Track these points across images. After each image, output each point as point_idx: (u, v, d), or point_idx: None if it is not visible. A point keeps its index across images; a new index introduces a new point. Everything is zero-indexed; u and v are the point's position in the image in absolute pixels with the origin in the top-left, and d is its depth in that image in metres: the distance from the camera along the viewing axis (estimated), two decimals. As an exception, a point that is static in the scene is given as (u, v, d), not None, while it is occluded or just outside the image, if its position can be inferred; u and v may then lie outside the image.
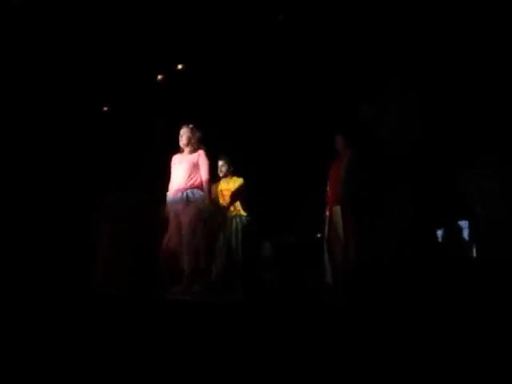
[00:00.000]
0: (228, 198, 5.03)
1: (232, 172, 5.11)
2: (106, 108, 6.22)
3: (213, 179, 4.94)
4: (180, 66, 5.69)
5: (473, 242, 5.40)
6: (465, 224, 5.43)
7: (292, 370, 1.70)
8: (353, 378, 1.63)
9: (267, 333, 2.26)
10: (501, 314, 2.41)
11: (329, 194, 4.66)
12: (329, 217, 4.61)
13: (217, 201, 5.04)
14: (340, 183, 4.48)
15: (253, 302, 3.74)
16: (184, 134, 4.33)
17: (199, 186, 4.23)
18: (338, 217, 4.47)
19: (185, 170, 4.23)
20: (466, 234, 5.43)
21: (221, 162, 5.10)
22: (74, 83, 5.89)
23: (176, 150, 4.45)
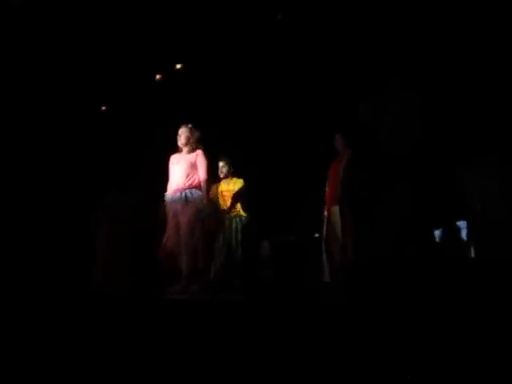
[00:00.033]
0: (228, 199, 5.05)
1: (232, 173, 5.13)
2: (104, 107, 6.21)
3: (213, 180, 4.96)
4: (179, 66, 5.68)
5: (471, 242, 5.40)
6: (463, 224, 5.43)
7: (291, 370, 1.70)
8: (352, 378, 1.63)
9: (266, 332, 2.26)
10: (499, 313, 2.41)
11: (327, 193, 4.66)
12: (327, 217, 4.61)
13: (216, 201, 5.05)
14: (339, 183, 4.48)
15: (252, 301, 3.74)
16: (182, 134, 4.33)
17: (197, 186, 4.23)
18: (336, 217, 4.47)
19: (183, 170, 4.23)
20: (464, 234, 5.42)
21: (221, 163, 5.12)
22: (72, 83, 5.88)
23: (174, 150, 4.44)
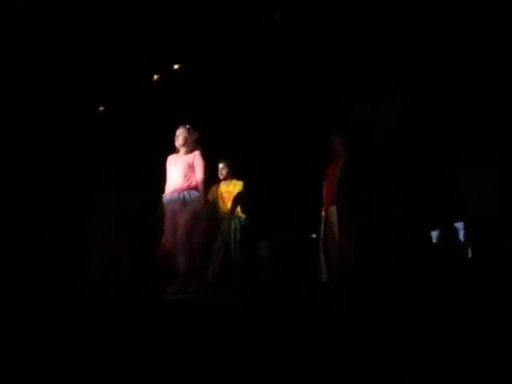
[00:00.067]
0: (228, 201, 5.07)
1: (232, 175, 5.16)
2: (101, 108, 6.21)
3: (213, 181, 5.03)
4: (176, 66, 5.68)
5: (468, 243, 5.40)
6: (460, 225, 5.43)
7: (290, 370, 1.70)
8: (352, 378, 1.63)
9: (264, 332, 2.26)
10: (497, 313, 2.42)
11: (325, 194, 4.67)
12: (324, 217, 4.62)
13: (215, 202, 5.09)
14: (336, 183, 4.49)
15: (250, 301, 3.75)
16: (180, 135, 4.33)
17: (195, 187, 4.23)
18: (333, 217, 4.48)
19: (181, 171, 4.23)
20: (461, 235, 5.42)
21: (221, 165, 5.15)
22: (70, 83, 5.88)
23: (172, 150, 4.44)
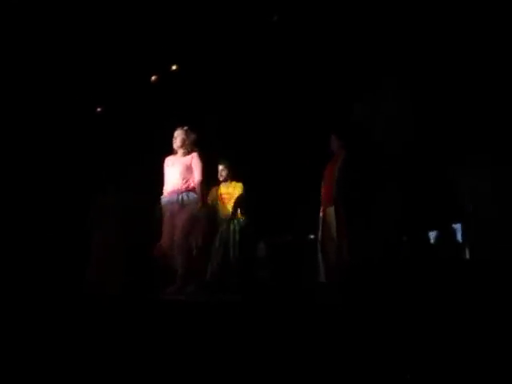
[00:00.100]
0: (227, 202, 5.10)
1: (232, 176, 5.18)
2: (99, 109, 6.20)
3: (213, 183, 5.05)
4: (174, 67, 5.68)
5: (466, 243, 5.41)
6: (459, 227, 5.43)
7: (288, 371, 1.70)
8: (351, 379, 1.63)
9: (263, 333, 2.26)
10: (496, 313, 2.42)
11: (323, 194, 4.67)
12: (323, 217, 4.62)
13: (214, 203, 5.12)
14: (334, 183, 4.49)
15: (248, 301, 3.75)
16: (178, 136, 4.32)
17: (194, 189, 4.22)
18: (331, 217, 4.49)
19: (179, 173, 4.22)
20: (459, 236, 5.43)
21: (221, 167, 5.17)
22: (67, 84, 5.88)
23: (169, 151, 4.43)
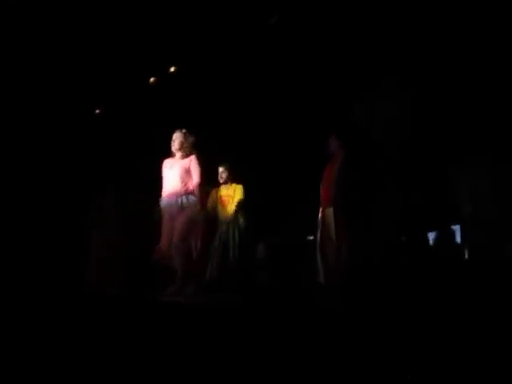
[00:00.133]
0: (227, 204, 5.15)
1: (232, 178, 5.21)
2: (98, 110, 6.19)
3: (213, 185, 5.12)
4: (172, 69, 5.67)
5: (465, 244, 5.41)
6: (458, 228, 5.44)
7: (288, 372, 1.70)
8: (351, 379, 1.63)
9: (262, 334, 2.26)
10: (494, 312, 2.43)
11: (322, 195, 4.67)
12: (321, 218, 4.62)
13: (215, 205, 5.16)
14: (333, 185, 4.49)
15: (247, 303, 3.76)
16: (176, 139, 4.32)
17: (193, 191, 4.23)
18: (330, 218, 4.49)
19: (178, 176, 4.22)
20: (458, 238, 5.43)
21: (221, 169, 5.22)
22: (66, 86, 5.87)
23: (168, 153, 4.43)
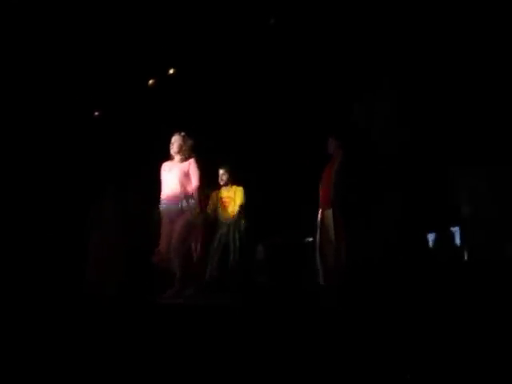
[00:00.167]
0: (228, 205, 5.19)
1: (232, 180, 5.23)
2: (97, 113, 6.19)
3: (213, 187, 5.17)
4: (171, 71, 5.66)
5: (464, 246, 5.41)
6: (457, 230, 5.44)
7: (287, 373, 1.70)
8: (350, 380, 1.63)
9: (261, 335, 2.26)
10: (493, 313, 2.43)
11: (321, 197, 4.66)
12: (320, 220, 4.62)
13: (215, 207, 5.20)
14: (332, 185, 4.49)
15: (246, 305, 3.76)
16: (175, 142, 4.30)
17: (192, 195, 4.22)
18: (329, 220, 4.49)
19: (177, 179, 4.21)
20: (458, 239, 5.43)
21: (222, 171, 5.24)
22: (65, 88, 5.87)
23: (166, 156, 4.42)
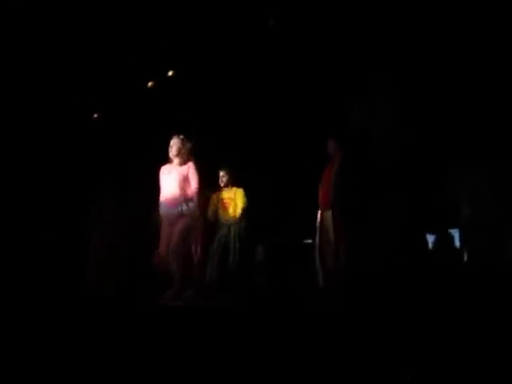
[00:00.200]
0: (229, 207, 5.21)
1: (232, 182, 5.26)
2: (96, 115, 6.19)
3: (213, 189, 5.21)
4: (170, 73, 5.66)
5: (464, 247, 5.41)
6: (456, 232, 5.44)
7: (287, 375, 1.70)
8: (350, 380, 1.63)
9: (260, 337, 2.26)
10: (493, 315, 2.43)
11: (320, 198, 4.66)
12: (320, 221, 4.62)
13: (215, 209, 5.22)
14: (331, 187, 4.48)
15: (246, 306, 3.77)
16: (174, 145, 4.30)
17: (192, 198, 4.22)
18: (329, 221, 4.49)
19: (176, 183, 4.21)
20: (457, 241, 5.43)
21: (222, 173, 5.28)
22: (64, 90, 5.88)
23: (165, 159, 4.42)
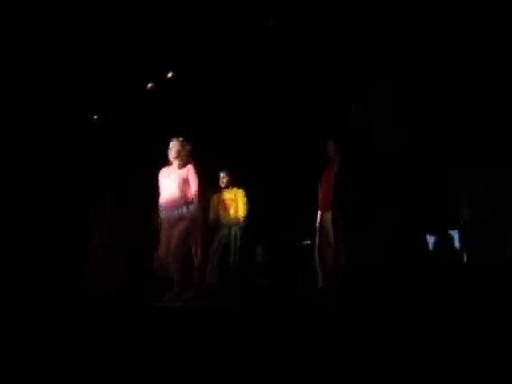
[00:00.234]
0: (229, 207, 5.24)
1: (233, 183, 5.28)
2: (95, 116, 6.19)
3: (214, 191, 5.23)
4: (170, 75, 5.66)
5: (464, 248, 5.41)
6: (456, 233, 5.44)
7: (287, 375, 1.70)
8: (350, 380, 1.64)
9: (260, 338, 2.27)
10: (492, 316, 2.43)
11: (320, 199, 4.66)
12: (320, 222, 4.62)
13: (216, 210, 5.25)
14: (331, 188, 4.49)
15: (245, 307, 3.77)
16: (173, 147, 4.29)
17: (192, 200, 4.22)
18: (328, 222, 4.49)
19: (176, 186, 4.21)
20: (457, 242, 5.43)
21: (222, 174, 5.30)
22: (64, 92, 5.88)
23: (164, 161, 4.41)
